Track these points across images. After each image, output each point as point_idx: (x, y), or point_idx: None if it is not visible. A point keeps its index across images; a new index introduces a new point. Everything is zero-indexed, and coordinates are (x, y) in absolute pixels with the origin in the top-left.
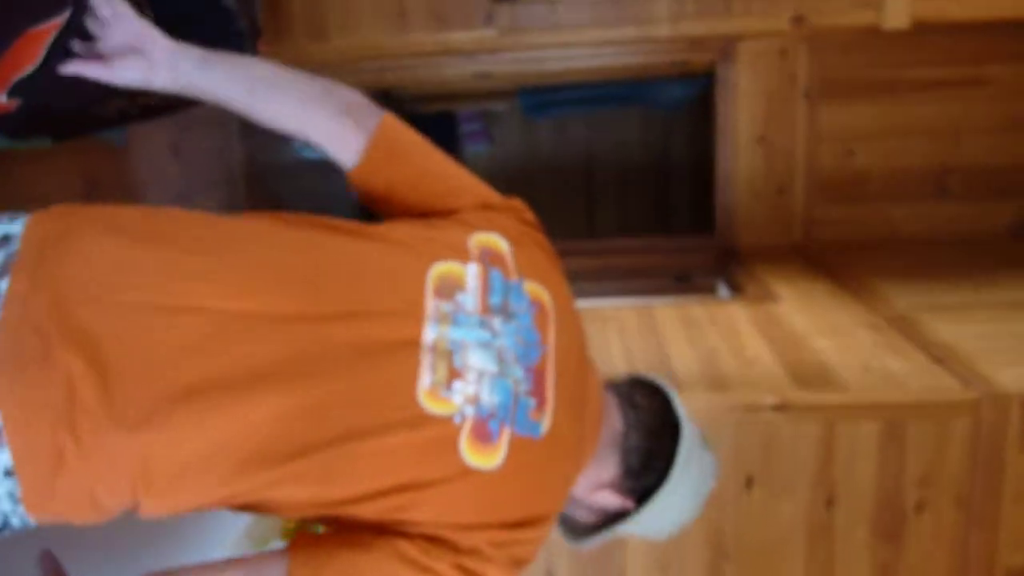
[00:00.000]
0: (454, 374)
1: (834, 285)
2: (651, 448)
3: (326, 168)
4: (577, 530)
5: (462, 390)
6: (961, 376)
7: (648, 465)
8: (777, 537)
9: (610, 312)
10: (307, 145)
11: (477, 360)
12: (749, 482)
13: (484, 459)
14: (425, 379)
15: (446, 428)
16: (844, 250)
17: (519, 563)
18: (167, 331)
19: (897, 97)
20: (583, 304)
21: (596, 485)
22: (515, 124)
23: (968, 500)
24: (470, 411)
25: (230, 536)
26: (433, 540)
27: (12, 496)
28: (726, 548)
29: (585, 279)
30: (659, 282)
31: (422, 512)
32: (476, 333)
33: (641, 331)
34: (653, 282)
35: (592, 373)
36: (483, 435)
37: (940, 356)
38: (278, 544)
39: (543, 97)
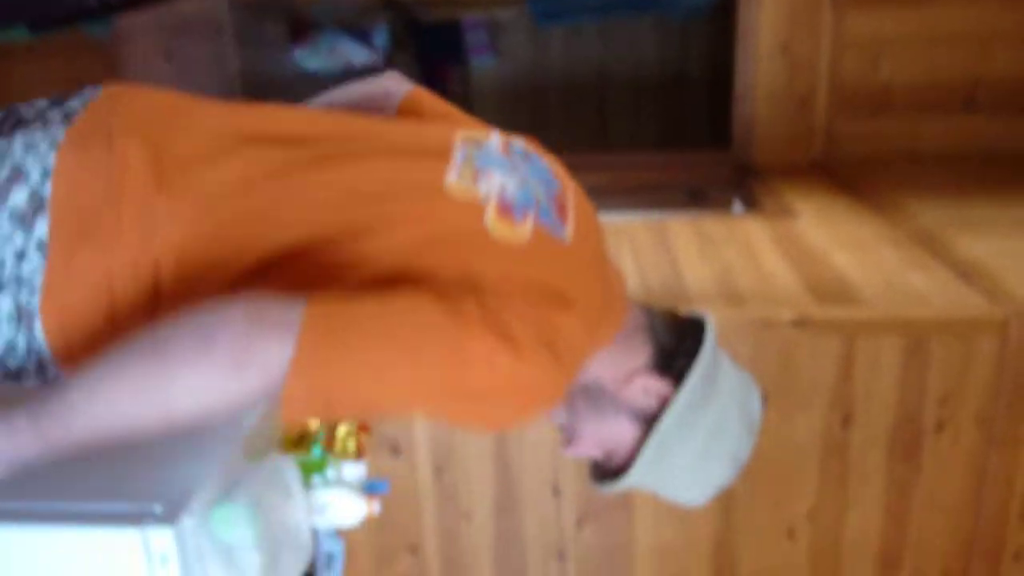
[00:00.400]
0: (478, 176)
1: (855, 201)
2: (681, 326)
3: (328, 81)
4: (619, 454)
5: (486, 184)
6: (988, 293)
7: (681, 340)
8: (791, 456)
9: (622, 227)
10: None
11: (500, 175)
12: (763, 400)
13: (509, 232)
14: (452, 175)
15: (472, 204)
16: (866, 165)
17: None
18: (224, 148)
19: (927, 1)
20: None
21: (630, 373)
22: (523, 34)
23: (990, 420)
24: (495, 196)
25: (225, 452)
26: (456, 282)
27: (30, 286)
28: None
29: (597, 194)
30: (673, 198)
31: (444, 266)
32: (500, 161)
33: (654, 247)
34: (667, 198)
35: (611, 263)
36: (507, 212)
37: (966, 272)
38: (276, 456)
39: (554, 2)
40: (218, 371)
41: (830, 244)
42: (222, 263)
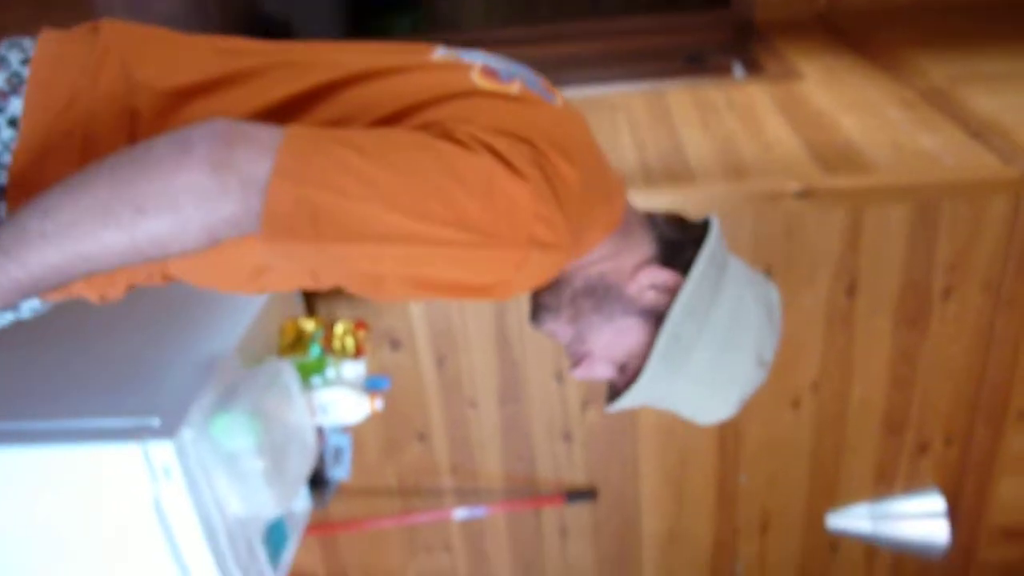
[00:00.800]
0: (461, 56)
1: (862, 59)
2: (684, 224)
3: None
4: (632, 365)
5: (470, 57)
6: (1000, 152)
7: (685, 231)
8: (794, 328)
9: (618, 99)
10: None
11: (483, 57)
12: (767, 274)
13: (497, 86)
14: (438, 53)
15: (457, 65)
16: (874, 19)
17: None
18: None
19: None
20: (588, 92)
21: (635, 266)
22: None
23: (997, 284)
24: (479, 63)
25: (221, 360)
26: (448, 119)
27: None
28: None
29: (589, 64)
30: (670, 64)
31: (435, 109)
32: (483, 54)
33: (652, 118)
34: (663, 65)
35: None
36: (493, 74)
37: (978, 130)
38: (274, 360)
39: None
40: (194, 173)
41: (836, 107)
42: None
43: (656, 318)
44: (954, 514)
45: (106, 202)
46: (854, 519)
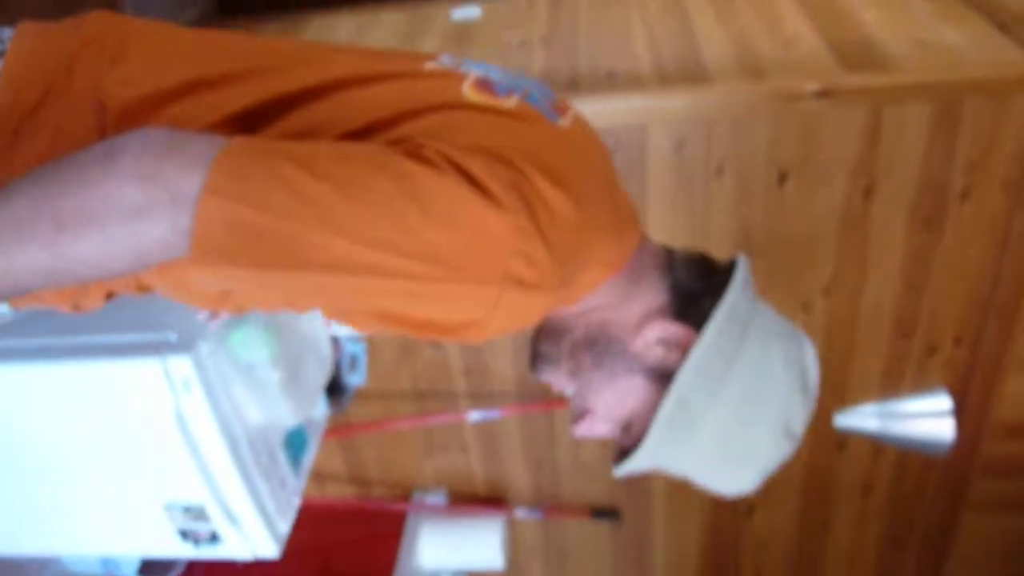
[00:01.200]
0: (460, 66)
1: None
2: (708, 266)
3: None
4: (637, 426)
5: (466, 68)
6: None
7: (706, 277)
8: (809, 231)
9: None
10: None
11: (484, 68)
12: (783, 178)
13: (488, 99)
14: (439, 61)
15: (448, 74)
16: None
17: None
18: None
19: None
20: None
21: (642, 317)
22: None
23: (1018, 183)
24: (474, 74)
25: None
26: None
27: None
28: (753, 243)
29: None
30: None
31: (410, 122)
32: (487, 64)
33: (665, 13)
34: None
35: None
36: (487, 87)
37: (1006, 22)
38: None
39: None
40: (119, 187)
41: (859, 0)
42: (182, 121)
43: (664, 378)
44: (960, 412)
45: (25, 217)
46: (862, 418)
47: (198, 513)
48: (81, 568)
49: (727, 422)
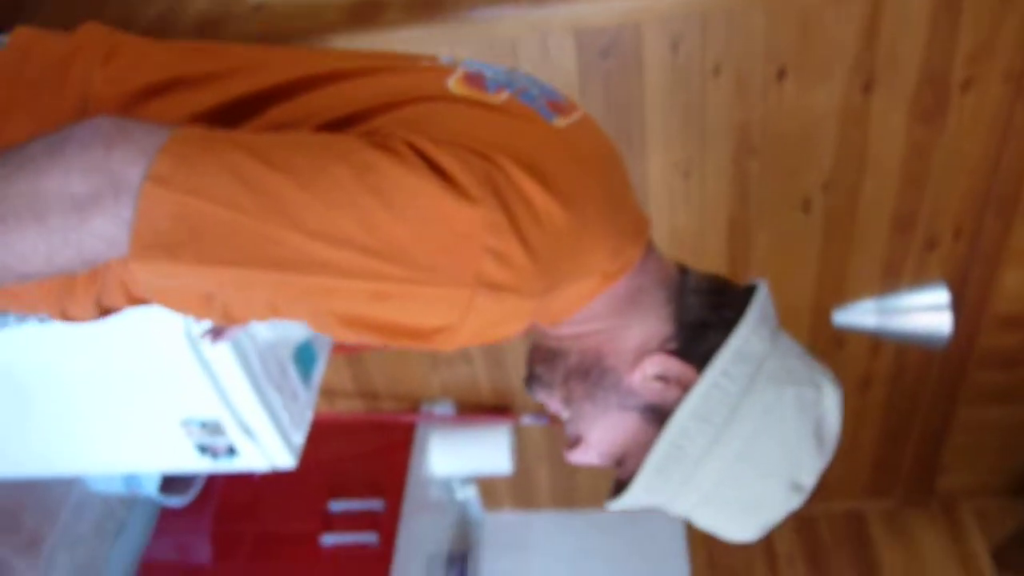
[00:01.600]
0: (456, 64)
1: None
2: (722, 292)
3: None
4: (631, 461)
5: (471, 64)
6: None
7: (717, 307)
8: (807, 128)
9: None
10: None
11: (480, 65)
12: (780, 74)
13: (473, 93)
14: (428, 62)
15: (438, 68)
16: None
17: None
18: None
19: None
20: None
21: (641, 349)
22: None
23: (1019, 74)
24: (463, 68)
25: None
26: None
27: None
28: (752, 142)
29: None
30: None
31: (392, 128)
32: (487, 64)
33: None
34: None
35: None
36: (475, 82)
37: None
38: None
39: None
40: (62, 176)
41: None
42: (160, 117)
43: (662, 416)
44: (958, 305)
45: None
46: (860, 314)
47: (214, 428)
48: (105, 487)
49: (728, 471)
